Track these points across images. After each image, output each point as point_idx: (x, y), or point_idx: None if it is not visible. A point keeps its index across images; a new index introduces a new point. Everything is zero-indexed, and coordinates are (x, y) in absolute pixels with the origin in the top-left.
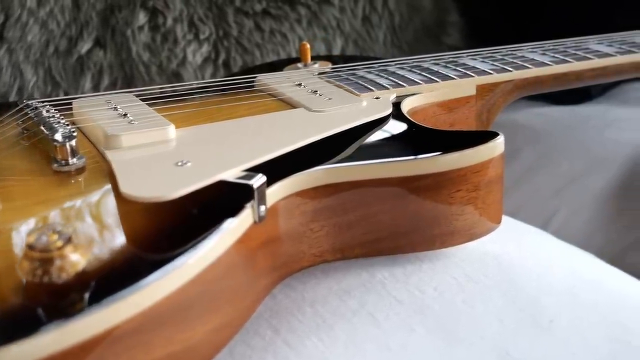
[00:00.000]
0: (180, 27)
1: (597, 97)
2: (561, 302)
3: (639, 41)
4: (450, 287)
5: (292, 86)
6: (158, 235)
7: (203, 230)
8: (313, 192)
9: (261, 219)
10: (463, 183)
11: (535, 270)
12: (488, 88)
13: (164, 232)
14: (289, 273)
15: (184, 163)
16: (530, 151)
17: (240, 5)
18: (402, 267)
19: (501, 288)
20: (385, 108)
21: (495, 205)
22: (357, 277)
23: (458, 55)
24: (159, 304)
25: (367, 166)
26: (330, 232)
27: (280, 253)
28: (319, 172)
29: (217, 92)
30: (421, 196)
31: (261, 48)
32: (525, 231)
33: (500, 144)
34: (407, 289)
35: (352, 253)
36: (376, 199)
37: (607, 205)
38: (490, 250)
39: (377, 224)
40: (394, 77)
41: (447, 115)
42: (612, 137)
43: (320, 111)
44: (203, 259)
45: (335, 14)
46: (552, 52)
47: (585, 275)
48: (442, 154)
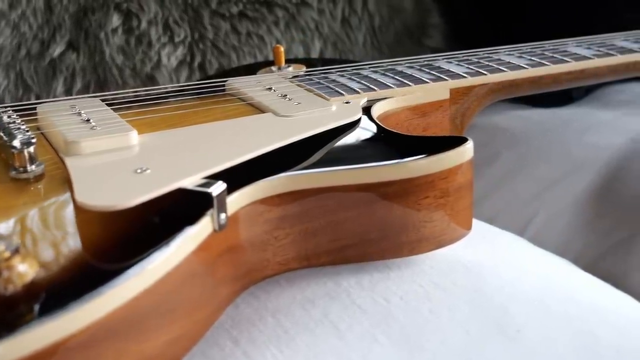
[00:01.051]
0: (154, 30)
1: (579, 99)
2: (530, 311)
3: (619, 44)
4: (417, 296)
5: (262, 90)
6: (113, 244)
7: (160, 239)
8: (277, 199)
9: (221, 228)
10: (431, 190)
11: (506, 278)
12: (462, 92)
13: (120, 241)
14: (252, 282)
15: (143, 170)
16: (509, 154)
17: (216, 8)
18: (369, 275)
19: (469, 296)
20: (354, 113)
21: (464, 212)
22: (322, 285)
23: (434, 58)
24: (111, 316)
25: (332, 173)
26: (295, 240)
27: (243, 262)
28: (282, 179)
29: (187, 97)
30: (388, 203)
31: (237, 51)
32: (500, 237)
33: (469, 150)
34: (372, 298)
35: (319, 261)
36: (342, 206)
37: (585, 209)
38: (461, 257)
39: (344, 231)
40: (366, 81)
41: (421, 120)
42: (592, 141)
43: (287, 116)
44: (158, 268)
45: (314, 16)
46: (529, 55)
47: (557, 283)
48: (408, 160)
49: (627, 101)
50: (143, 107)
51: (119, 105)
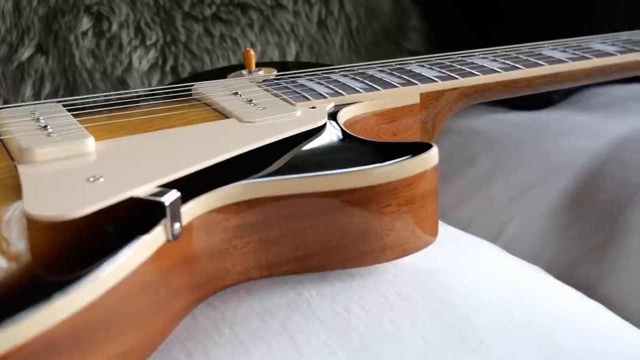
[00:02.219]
0: (126, 33)
1: (559, 102)
2: (494, 320)
3: (595, 47)
4: (379, 306)
5: (228, 95)
6: (62, 254)
7: (111, 249)
8: (235, 208)
9: (176, 237)
10: (394, 197)
11: (472, 287)
12: (433, 96)
13: (69, 251)
14: (211, 292)
15: (97, 178)
16: (486, 159)
17: (189, 10)
18: (330, 285)
19: (432, 306)
20: (319, 118)
21: (429, 220)
22: (282, 295)
23: (406, 62)
24: (55, 329)
25: (291, 180)
26: (255, 249)
27: (200, 272)
28: (241, 187)
29: (153, 101)
30: (350, 211)
31: (211, 54)
32: (470, 244)
33: (433, 156)
34: (332, 309)
35: (280, 270)
36: (302, 214)
37: (560, 215)
38: (428, 265)
39: (305, 240)
40: (334, 86)
41: (390, 125)
42: (569, 144)
43: (251, 122)
44: (107, 279)
45: (289, 19)
46: (503, 59)
47: (525, 291)
48: (370, 167)
49: (607, 104)
50: (105, 112)
51: (82, 111)
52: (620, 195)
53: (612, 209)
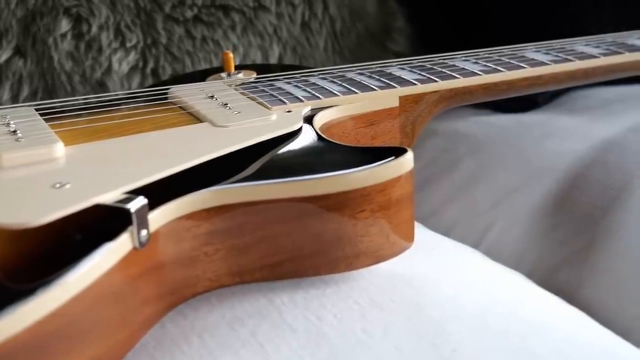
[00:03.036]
0: (105, 35)
1: (544, 105)
2: (469, 328)
3: (579, 49)
4: (352, 314)
5: (204, 99)
6: (23, 262)
7: (74, 257)
8: (206, 214)
9: (142, 245)
10: (367, 203)
11: (448, 294)
12: (412, 99)
13: (31, 259)
14: (181, 300)
15: (63, 185)
16: (470, 162)
17: (170, 12)
18: (304, 292)
19: (406, 314)
20: (294, 122)
21: (404, 225)
22: (254, 303)
23: (387, 64)
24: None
25: (262, 186)
26: (226, 256)
27: (169, 279)
28: (211, 193)
29: (128, 105)
30: (322, 217)
31: (192, 56)
32: (450, 250)
33: (408, 161)
34: (304, 316)
35: (252, 277)
36: (274, 221)
37: (542, 219)
38: (404, 271)
39: (277, 246)
40: (312, 89)
41: (369, 129)
42: (553, 147)
43: (224, 126)
44: (69, 288)
45: (272, 20)
46: (485, 61)
47: (502, 298)
48: (343, 172)
49: (592, 107)
50: (79, 116)
51: (55, 115)
52: (602, 198)
53: (594, 213)
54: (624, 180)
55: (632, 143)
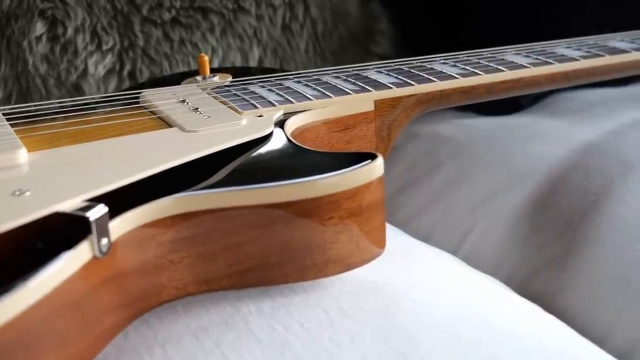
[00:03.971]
0: (81, 37)
1: (527, 107)
2: (439, 337)
3: (559, 51)
4: (320, 323)
5: (175, 103)
6: None
7: (31, 266)
8: (170, 221)
9: (103, 253)
10: (336, 210)
11: (419, 302)
12: (388, 103)
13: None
14: (146, 308)
15: (22, 192)
16: (451, 165)
17: (147, 14)
18: (271, 300)
19: (375, 323)
20: (265, 127)
21: (375, 232)
22: (220, 311)
23: (365, 68)
24: None
25: (228, 193)
26: (192, 264)
27: (133, 288)
28: (175, 201)
29: (98, 109)
30: (290, 225)
31: (170, 59)
32: (425, 256)
33: (378, 167)
34: (270, 326)
35: (219, 285)
36: (241, 228)
37: (521, 224)
38: (376, 279)
39: (244, 254)
40: (285, 93)
41: (343, 133)
42: (534, 151)
43: (193, 131)
44: (25, 298)
45: (252, 22)
46: (463, 64)
47: (475, 306)
48: (310, 179)
49: (575, 109)
50: (47, 121)
51: (23, 120)
52: (582, 203)
53: (573, 218)
54: (604, 185)
55: (613, 146)
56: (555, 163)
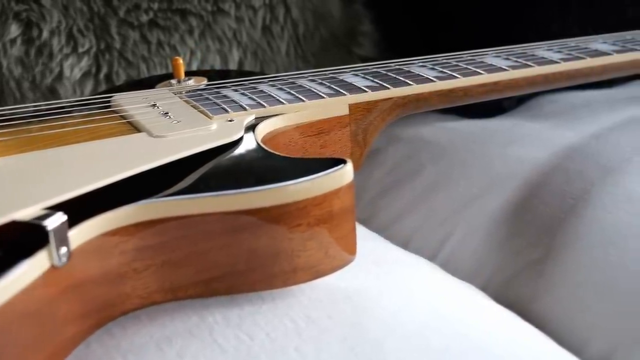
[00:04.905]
0: (57, 40)
1: (511, 110)
2: (408, 346)
3: (540, 54)
4: (286, 332)
5: (145, 107)
6: None
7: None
8: (134, 229)
9: (62, 263)
10: (304, 217)
11: (390, 310)
12: (363, 107)
13: None
14: (109, 318)
15: None
16: (432, 169)
17: (124, 16)
18: (239, 309)
19: (343, 331)
20: (234, 132)
21: (345, 239)
22: (185, 321)
23: (341, 71)
24: None
25: (192, 200)
26: (157, 272)
27: (95, 297)
28: (138, 208)
29: (68, 114)
30: (257, 232)
31: (147, 61)
32: (401, 262)
33: (347, 173)
34: (236, 335)
35: (185, 294)
36: (207, 236)
37: (500, 229)
38: (347, 286)
39: (210, 262)
40: (258, 96)
41: (317, 138)
42: (515, 154)
43: (161, 136)
44: None
45: (231, 24)
46: (441, 67)
47: (448, 314)
48: (276, 185)
49: (558, 112)
50: (14, 126)
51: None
52: (561, 207)
53: (551, 223)
54: (583, 189)
55: (594, 150)
56: (536, 167)
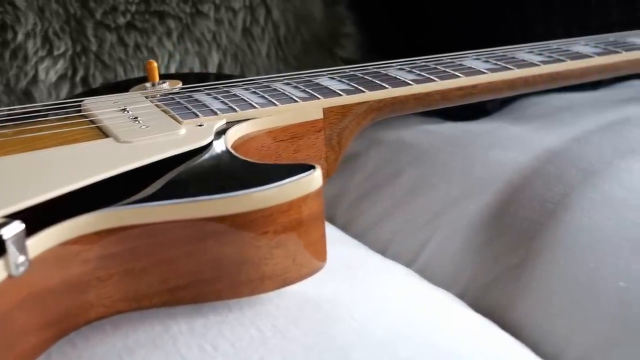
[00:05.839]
0: (32, 43)
1: (494, 112)
2: (375, 356)
3: (520, 56)
4: (251, 342)
5: (115, 112)
6: None
7: None
8: (96, 237)
9: (19, 272)
10: (270, 224)
11: (359, 319)
12: (337, 111)
13: None
14: (72, 328)
15: None
16: (412, 173)
17: (101, 19)
18: (204, 318)
19: (310, 341)
20: (203, 137)
21: (313, 246)
22: (149, 330)
23: (318, 74)
24: None
25: (155, 208)
26: (121, 281)
27: (56, 307)
28: (100, 216)
29: (37, 118)
30: (222, 240)
31: (124, 64)
32: (376, 268)
33: (315, 179)
34: (200, 346)
35: (150, 302)
36: (171, 244)
37: (479, 234)
38: (318, 294)
39: (175, 270)
40: (230, 100)
41: (291, 142)
42: (496, 157)
43: (127, 142)
44: None
45: (211, 27)
46: (419, 70)
47: (418, 322)
48: (241, 192)
49: (542, 115)
50: None
51: None
52: (540, 212)
53: (530, 227)
54: (563, 193)
55: (575, 153)
56: (516, 170)
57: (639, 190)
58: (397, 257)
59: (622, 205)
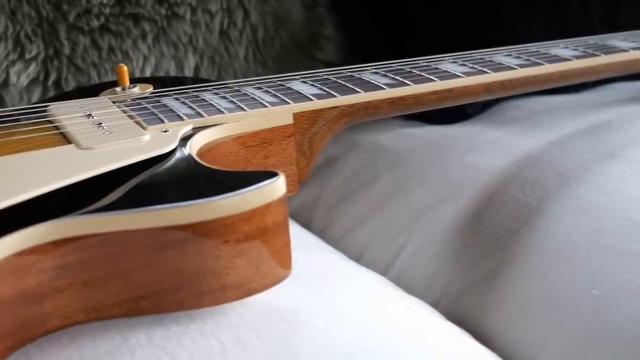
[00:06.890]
0: (3, 46)
1: (474, 115)
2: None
3: (498, 59)
4: (211, 354)
5: (80, 117)
6: None
7: None
8: (52, 247)
9: None
10: (231, 233)
11: (323, 329)
12: (308, 116)
13: None
14: (28, 339)
15: None
16: (388, 177)
17: (74, 21)
18: (164, 329)
19: (270, 353)
20: (168, 144)
21: (277, 255)
22: (108, 342)
23: (291, 78)
24: None
25: (112, 217)
26: (79, 291)
27: (11, 318)
28: (53, 225)
29: (3, 124)
30: (182, 249)
31: (98, 67)
32: (347, 277)
33: (279, 187)
34: (158, 357)
35: (109, 313)
36: (129, 254)
37: (454, 240)
38: (283, 304)
39: (135, 280)
40: (198, 105)
41: (260, 148)
42: (473, 162)
43: (89, 148)
44: None
45: (187, 29)
46: (394, 74)
47: (384, 334)
48: (199, 201)
49: (522, 118)
50: None
51: None
52: (515, 218)
53: (504, 234)
54: (539, 199)
55: (552, 158)
56: (493, 175)
57: (615, 195)
58: (372, 263)
59: (598, 211)
